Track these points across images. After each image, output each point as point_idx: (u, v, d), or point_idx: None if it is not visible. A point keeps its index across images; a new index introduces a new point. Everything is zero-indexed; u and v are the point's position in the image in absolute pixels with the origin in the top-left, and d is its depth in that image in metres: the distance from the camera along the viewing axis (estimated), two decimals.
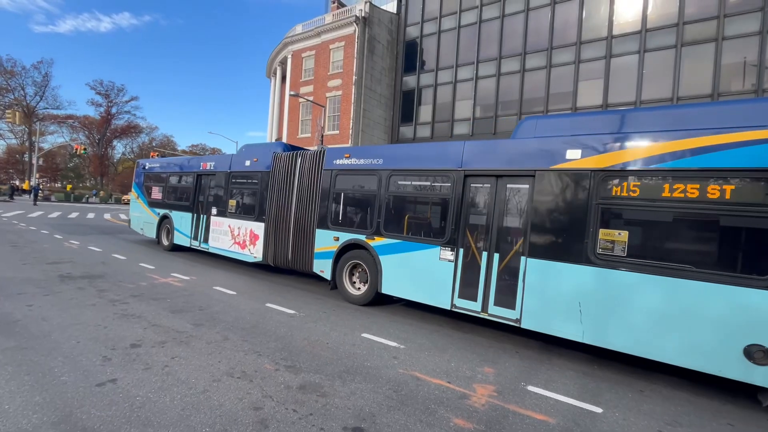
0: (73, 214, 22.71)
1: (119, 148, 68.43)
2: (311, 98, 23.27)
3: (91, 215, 23.17)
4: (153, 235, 11.73)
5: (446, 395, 3.56)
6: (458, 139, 23.74)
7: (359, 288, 6.75)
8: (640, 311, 4.09)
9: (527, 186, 5.01)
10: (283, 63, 29.13)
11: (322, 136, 20.96)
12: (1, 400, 2.94)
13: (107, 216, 23.51)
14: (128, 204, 37.95)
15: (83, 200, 39.83)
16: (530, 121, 5.42)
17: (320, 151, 7.44)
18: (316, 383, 3.59)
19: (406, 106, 26.45)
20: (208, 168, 10.08)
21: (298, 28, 27.02)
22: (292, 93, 20.69)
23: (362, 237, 6.52)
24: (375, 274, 6.31)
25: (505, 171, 5.19)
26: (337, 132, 23.98)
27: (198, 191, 10.31)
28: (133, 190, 13.13)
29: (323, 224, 7.15)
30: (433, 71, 25.22)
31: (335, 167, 7.08)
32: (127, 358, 3.83)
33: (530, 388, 3.87)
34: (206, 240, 9.80)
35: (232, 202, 9.25)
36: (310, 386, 3.52)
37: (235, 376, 3.61)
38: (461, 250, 5.45)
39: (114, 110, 60.28)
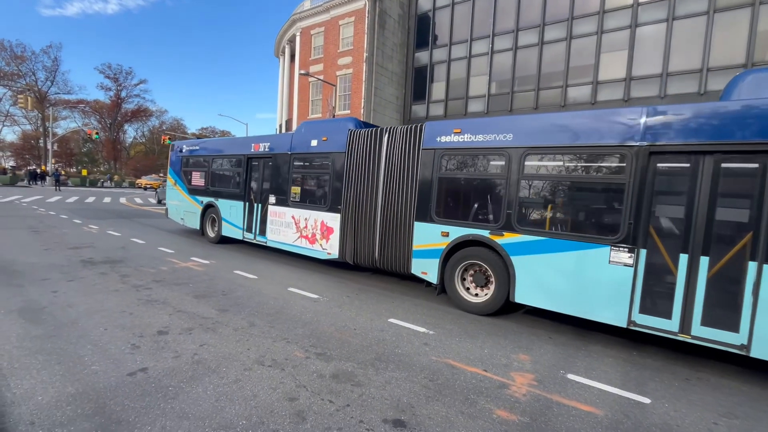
0: (90, 199, 23.01)
1: (130, 132, 68.91)
2: (321, 77, 22.75)
3: (107, 199, 23.44)
4: (196, 225, 10.42)
5: (484, 384, 3.42)
6: (474, 116, 23.23)
7: (476, 294, 5.59)
8: None
9: (759, 165, 3.70)
10: (292, 41, 28.43)
11: (334, 116, 20.57)
12: (34, 390, 2.89)
13: (123, 200, 23.77)
14: (143, 188, 38.34)
15: (98, 185, 40.38)
16: (759, 74, 4.10)
17: (417, 127, 6.12)
18: (349, 372, 3.48)
19: (419, 84, 25.70)
20: (261, 150, 8.68)
21: (306, 4, 26.18)
22: (302, 72, 20.22)
23: (484, 233, 5.29)
24: (504, 278, 5.13)
25: (726, 145, 3.82)
26: (348, 112, 23.50)
27: (249, 176, 9.05)
28: (169, 175, 11.75)
29: (424, 216, 5.89)
30: (446, 46, 24.33)
31: (440, 146, 5.76)
32: (156, 346, 3.77)
33: (570, 376, 3.70)
34: (263, 232, 8.59)
35: (296, 189, 7.92)
36: (343, 375, 3.41)
37: (265, 364, 3.52)
38: (643, 251, 4.21)
39: (123, 94, 60.31)
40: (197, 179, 10.56)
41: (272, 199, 8.35)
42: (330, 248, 7.22)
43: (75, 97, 56.01)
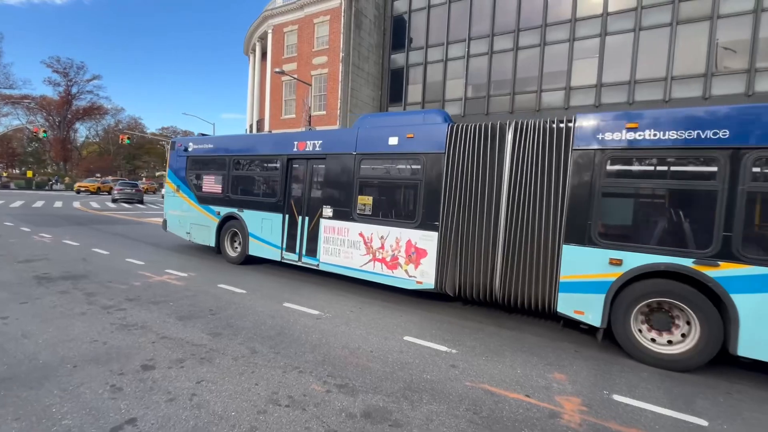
0: (38, 203, 20.89)
1: (82, 131, 64.10)
2: (295, 76, 21.94)
3: (58, 204, 21.38)
4: (210, 241, 8.47)
5: (533, 414, 3.05)
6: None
7: (665, 342, 4.22)
8: None
9: None
10: (263, 38, 27.35)
11: (310, 117, 19.87)
12: None
13: (77, 204, 21.77)
14: (95, 192, 35.57)
15: (46, 187, 37.05)
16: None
17: (563, 122, 4.79)
18: (381, 407, 3.00)
19: (395, 86, 25.48)
20: (309, 149, 6.99)
21: (279, 0, 25.28)
22: (276, 70, 19.36)
23: (683, 262, 4.00)
24: (715, 324, 3.88)
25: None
26: (324, 113, 22.84)
27: (290, 182, 7.33)
28: (168, 180, 9.61)
29: (580, 237, 4.54)
30: (422, 49, 24.26)
31: (604, 145, 4.44)
32: (142, 386, 3.11)
33: (616, 397, 3.42)
34: (311, 252, 6.93)
35: (365, 200, 6.31)
36: (376, 413, 2.92)
37: (282, 403, 2.97)
38: None
39: (74, 90, 55.97)
40: (210, 185, 8.60)
41: (327, 211, 6.64)
42: (420, 275, 5.65)
43: (19, 92, 51.27)
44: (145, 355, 3.66)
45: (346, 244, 6.42)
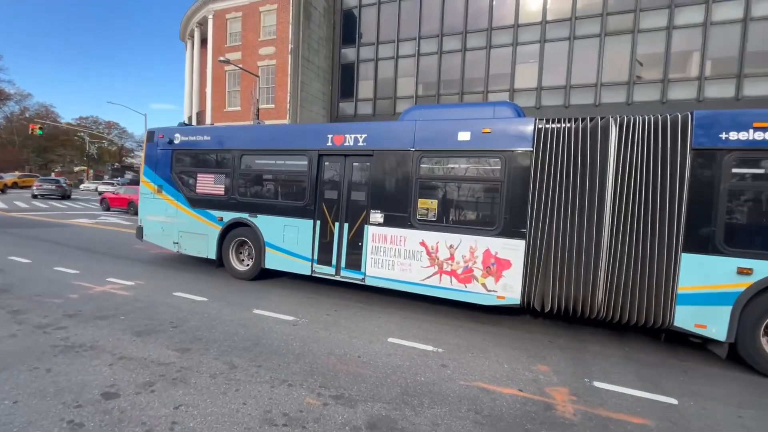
0: None
1: None
2: (240, 66, 20.68)
3: None
4: (207, 253, 7.13)
5: (530, 408, 3.13)
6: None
7: None
8: None
9: None
10: (203, 24, 25.43)
11: (258, 110, 18.89)
12: None
13: None
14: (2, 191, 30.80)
15: None
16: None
17: (678, 118, 4.31)
18: (385, 417, 2.88)
19: (346, 81, 25.12)
20: (349, 144, 5.97)
21: None
22: (221, 59, 18.04)
23: None
24: None
25: None
26: (273, 106, 21.85)
27: (320, 182, 6.25)
28: (144, 178, 7.84)
29: (702, 245, 4.15)
30: (373, 45, 24.16)
31: (730, 145, 4.07)
32: (108, 418, 2.68)
33: (596, 384, 3.63)
34: (353, 265, 5.96)
35: (427, 203, 5.50)
36: (381, 423, 2.80)
37: (278, 423, 2.72)
38: None
39: None
40: (208, 185, 7.19)
41: (376, 216, 5.74)
42: (502, 290, 4.98)
43: None
44: (103, 380, 3.17)
45: (403, 254, 5.55)
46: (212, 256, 7.05)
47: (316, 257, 6.25)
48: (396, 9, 23.53)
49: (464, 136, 5.26)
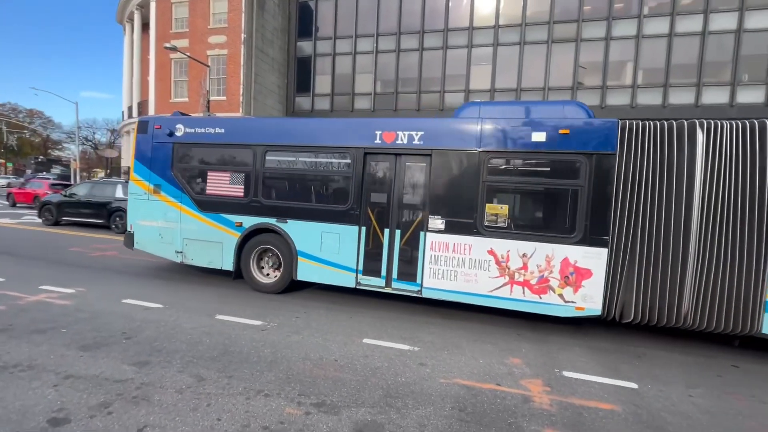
0: None
1: None
2: (188, 54, 19.34)
3: None
4: (221, 263, 6.22)
5: (510, 402, 3.21)
6: (361, 114, 23.39)
7: None
8: None
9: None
10: (144, 7, 23.49)
11: (208, 102, 17.82)
12: None
13: None
14: None
15: None
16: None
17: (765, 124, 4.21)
18: (371, 422, 2.80)
19: (302, 75, 24.48)
20: (402, 141, 5.39)
21: None
22: (167, 45, 16.68)
23: None
24: None
25: None
26: (225, 98, 20.73)
27: (366, 184, 5.61)
28: (136, 175, 6.64)
29: None
30: (330, 39, 23.74)
31: None
32: None
33: (566, 374, 3.82)
34: (408, 275, 5.45)
35: (496, 209, 5.09)
36: (367, 428, 2.72)
37: None
38: None
39: None
40: (222, 185, 6.25)
41: (436, 222, 5.24)
42: (582, 300, 4.72)
43: None
44: (48, 405, 2.78)
45: (467, 264, 5.11)
46: (228, 267, 6.15)
47: (361, 267, 5.61)
48: (353, 4, 23.27)
49: (539, 136, 4.89)
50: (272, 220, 5.97)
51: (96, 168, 50.12)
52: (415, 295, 5.41)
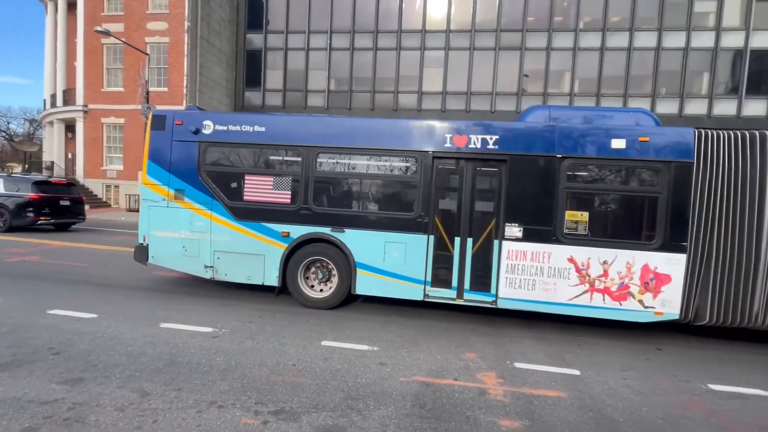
0: None
1: None
2: (124, 40, 17.76)
3: None
4: (263, 278, 5.61)
5: (467, 396, 3.32)
6: (314, 112, 22.98)
7: None
8: None
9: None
10: None
11: (147, 93, 16.54)
12: None
13: None
14: None
15: None
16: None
17: None
18: (332, 426, 2.76)
19: (252, 68, 23.55)
20: (475, 146, 5.12)
21: None
22: (98, 29, 15.12)
23: None
24: None
25: None
26: (166, 89, 19.36)
27: (435, 190, 5.28)
28: (150, 179, 5.81)
29: None
30: (282, 33, 23.06)
31: None
32: None
33: (517, 365, 4.02)
34: (481, 286, 5.26)
35: (577, 216, 4.99)
36: None
37: None
38: None
39: None
40: (263, 190, 5.61)
41: (513, 230, 5.05)
42: (661, 305, 4.79)
43: None
44: None
45: (546, 272, 5.00)
46: (271, 282, 5.58)
47: (429, 279, 5.33)
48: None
49: (618, 143, 4.86)
50: (326, 230, 5.45)
51: (11, 162, 44.51)
52: (488, 306, 5.25)
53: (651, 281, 4.82)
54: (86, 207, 13.38)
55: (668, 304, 4.80)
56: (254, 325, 4.71)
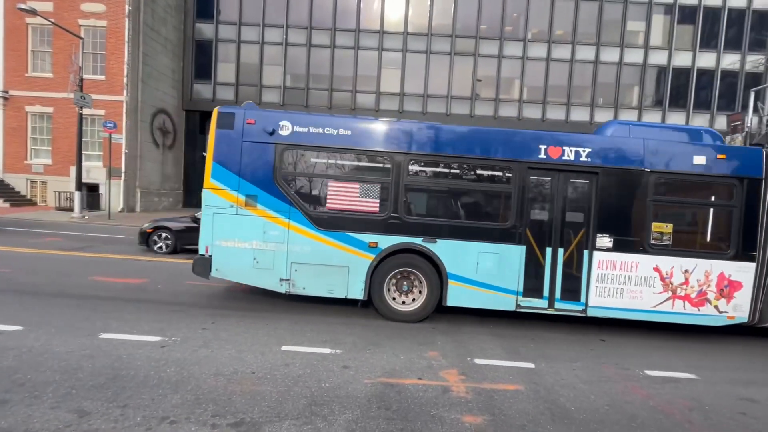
0: None
1: None
2: (53, 20, 15.97)
3: None
4: (349, 291, 5.29)
5: (431, 394, 3.37)
6: (269, 107, 22.23)
7: None
8: None
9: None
10: None
11: (81, 81, 15.05)
12: None
13: None
14: None
15: None
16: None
17: None
18: None
19: (202, 60, 22.32)
20: (568, 158, 5.22)
21: None
22: (21, 6, 13.40)
23: None
24: None
25: None
26: (103, 78, 17.72)
27: (527, 200, 5.31)
28: (215, 182, 5.24)
29: None
30: (235, 24, 22.09)
31: None
32: None
33: (477, 361, 4.15)
34: (571, 294, 5.34)
35: (662, 227, 5.24)
36: None
37: None
38: None
39: None
40: (348, 198, 5.32)
41: (604, 241, 5.23)
42: (733, 310, 5.19)
43: None
44: None
45: (633, 281, 5.23)
46: (355, 294, 5.30)
47: (521, 288, 5.33)
48: None
49: (699, 159, 5.22)
50: (417, 240, 5.28)
51: None
52: (578, 314, 5.37)
53: (725, 288, 5.22)
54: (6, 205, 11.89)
55: (739, 309, 5.23)
56: (208, 332, 4.44)
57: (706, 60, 21.92)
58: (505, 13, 21.85)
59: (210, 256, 5.28)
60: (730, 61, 21.71)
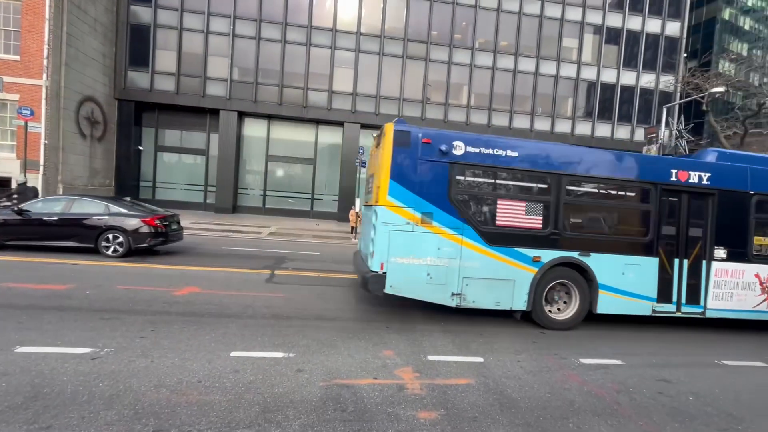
0: None
1: None
2: None
3: None
4: (513, 303, 5.56)
5: (387, 393, 3.40)
6: (214, 100, 21.07)
7: None
8: None
9: None
10: None
11: None
12: None
13: None
14: None
15: None
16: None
17: None
18: None
19: (138, 45, 20.58)
20: (693, 180, 6.05)
21: None
22: None
23: None
24: None
25: None
26: (18, 59, 15.65)
27: (661, 218, 6.04)
28: (392, 200, 5.26)
29: None
30: (176, 11, 20.69)
31: None
32: None
33: (430, 358, 4.27)
34: (693, 299, 6.14)
35: (762, 240, 6.31)
36: None
37: None
38: None
39: None
40: (515, 215, 5.61)
41: (720, 252, 6.13)
42: None
43: None
44: None
45: (740, 286, 6.18)
46: (520, 306, 5.62)
47: (655, 295, 5.97)
48: None
49: None
50: (574, 254, 5.74)
51: None
52: (698, 316, 6.15)
53: None
54: None
55: None
56: (147, 341, 4.10)
57: (628, 78, 24.41)
58: (454, 21, 22.63)
59: (384, 273, 5.30)
60: (647, 80, 24.38)
